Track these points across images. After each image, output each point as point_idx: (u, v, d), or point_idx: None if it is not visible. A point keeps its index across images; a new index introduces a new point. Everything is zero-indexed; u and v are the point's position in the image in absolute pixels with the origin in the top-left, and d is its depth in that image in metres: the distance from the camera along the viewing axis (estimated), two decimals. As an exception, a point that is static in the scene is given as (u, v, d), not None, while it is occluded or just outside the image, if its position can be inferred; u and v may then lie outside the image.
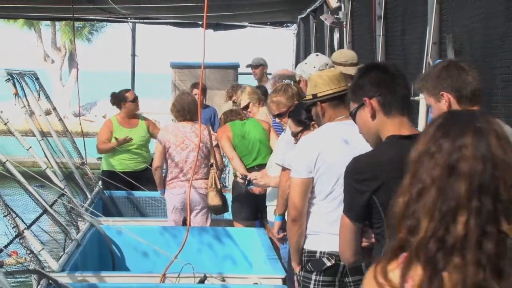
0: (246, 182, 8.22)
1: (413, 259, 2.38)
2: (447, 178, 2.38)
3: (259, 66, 13.66)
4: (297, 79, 7.87)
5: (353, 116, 4.33)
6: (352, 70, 7.22)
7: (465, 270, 2.32)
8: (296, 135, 6.26)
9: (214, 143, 9.27)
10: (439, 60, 7.82)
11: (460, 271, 2.32)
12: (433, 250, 2.35)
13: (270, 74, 13.80)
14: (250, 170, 8.54)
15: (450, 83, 4.59)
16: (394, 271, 2.40)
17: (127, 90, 12.05)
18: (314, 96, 5.69)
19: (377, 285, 2.44)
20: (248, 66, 13.99)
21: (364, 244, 4.30)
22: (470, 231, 2.34)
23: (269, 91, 9.77)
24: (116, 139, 11.33)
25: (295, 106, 6.68)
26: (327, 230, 5.35)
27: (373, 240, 4.26)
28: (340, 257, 4.65)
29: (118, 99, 11.65)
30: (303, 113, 6.17)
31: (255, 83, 13.41)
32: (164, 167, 9.54)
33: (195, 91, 12.35)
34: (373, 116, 4.21)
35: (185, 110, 9.37)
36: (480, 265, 2.32)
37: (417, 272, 2.37)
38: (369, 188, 4.04)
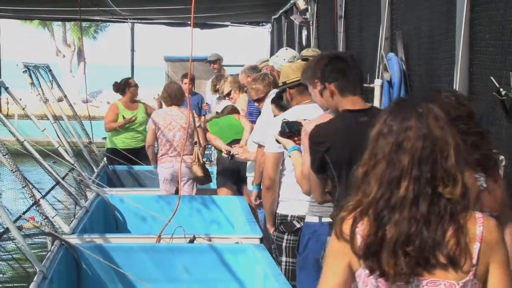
0: (230, 156, 8.28)
1: (364, 214, 2.60)
2: (395, 153, 2.59)
3: (216, 61, 13.62)
4: (259, 67, 7.91)
5: (320, 94, 4.56)
6: None
7: (401, 224, 2.53)
8: None
9: (198, 124, 9.31)
10: (391, 53, 7.87)
11: (398, 225, 2.53)
12: (380, 208, 2.56)
13: (226, 66, 13.87)
14: (228, 144, 8.60)
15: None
16: (348, 223, 2.63)
17: (129, 78, 12.08)
18: (284, 83, 5.77)
19: (335, 234, 2.69)
20: (207, 62, 13.91)
21: (327, 190, 4.59)
22: (408, 193, 2.55)
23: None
24: (124, 117, 11.37)
25: (276, 93, 6.71)
26: (296, 197, 5.41)
27: (330, 187, 4.54)
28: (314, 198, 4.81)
29: (122, 85, 11.65)
30: (283, 99, 6.23)
31: (236, 73, 13.33)
32: (156, 145, 9.56)
33: (185, 80, 12.35)
34: (332, 96, 4.52)
35: (172, 97, 9.40)
36: (414, 220, 2.53)
37: (364, 225, 2.60)
38: (321, 149, 4.35)
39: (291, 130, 5.00)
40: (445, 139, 2.61)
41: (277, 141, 5.24)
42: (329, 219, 4.67)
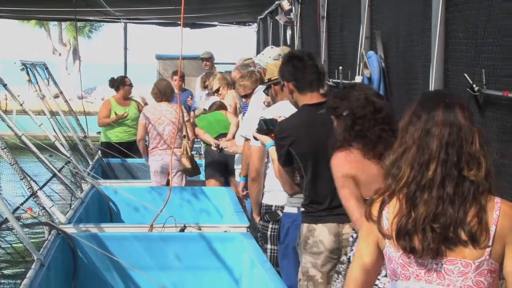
0: (219, 150, 8.29)
1: (392, 197, 2.77)
2: (424, 138, 2.73)
3: (209, 59, 13.60)
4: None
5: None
6: None
7: (430, 203, 2.68)
8: None
9: (186, 119, 9.31)
10: (371, 51, 7.89)
11: (427, 204, 2.68)
12: (412, 190, 2.71)
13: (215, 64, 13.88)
14: (216, 138, 8.61)
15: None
16: (377, 205, 2.83)
17: (125, 77, 12.04)
18: (269, 80, 5.79)
19: (364, 216, 2.88)
20: (199, 59, 13.87)
21: (296, 182, 4.73)
22: (436, 175, 2.69)
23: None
24: (116, 113, 11.35)
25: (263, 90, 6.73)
26: (279, 188, 5.39)
27: (299, 178, 4.67)
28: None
29: (117, 82, 11.62)
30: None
31: (225, 70, 13.31)
32: (147, 139, 9.57)
33: (175, 77, 12.35)
34: (291, 94, 4.71)
35: (161, 93, 9.44)
36: (441, 200, 2.67)
37: (394, 207, 2.76)
38: (286, 143, 4.49)
39: (268, 127, 5.01)
40: (470, 126, 2.75)
41: (255, 138, 5.26)
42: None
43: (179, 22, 18.94)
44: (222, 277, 6.19)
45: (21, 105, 9.05)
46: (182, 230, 6.53)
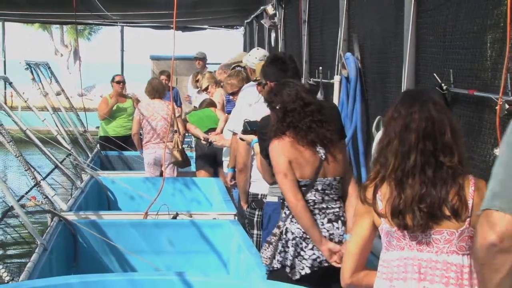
0: (208, 143, 8.29)
1: (385, 180, 2.99)
2: (404, 132, 2.96)
3: (203, 59, 13.60)
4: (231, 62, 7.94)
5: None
6: None
7: (415, 187, 2.92)
8: None
9: (177, 115, 9.31)
10: (348, 53, 7.90)
11: (412, 187, 2.92)
12: (399, 175, 2.95)
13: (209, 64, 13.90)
14: (205, 133, 8.60)
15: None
16: (370, 190, 3.04)
17: (116, 75, 11.98)
18: (256, 79, 5.80)
19: (360, 199, 3.08)
20: (194, 58, 13.85)
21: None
22: (417, 163, 2.93)
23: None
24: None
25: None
26: (265, 178, 5.45)
27: None
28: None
29: (112, 80, 11.62)
30: None
31: (214, 70, 13.30)
32: (141, 133, 9.57)
33: (162, 76, 12.36)
34: None
35: (155, 90, 9.46)
36: (424, 183, 2.92)
37: (385, 190, 2.99)
38: (266, 137, 4.42)
39: (252, 129, 5.05)
40: (442, 120, 2.98)
41: (241, 139, 5.30)
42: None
43: (171, 26, 18.83)
44: (211, 260, 6.20)
45: (25, 101, 9.03)
46: (175, 217, 6.52)
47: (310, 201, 4.18)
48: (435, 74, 4.85)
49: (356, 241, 3.12)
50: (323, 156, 4.14)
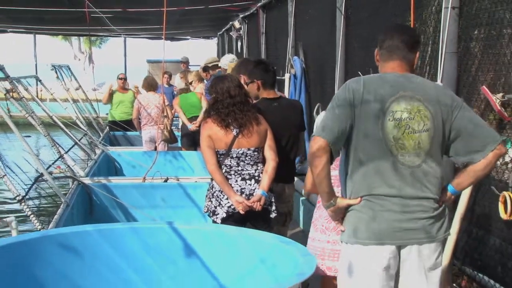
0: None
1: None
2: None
3: (186, 62, 13.51)
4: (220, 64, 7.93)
5: (246, 86, 4.58)
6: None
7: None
8: None
9: (167, 103, 9.24)
10: (295, 56, 7.90)
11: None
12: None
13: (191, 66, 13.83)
14: (189, 119, 8.53)
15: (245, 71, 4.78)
16: None
17: (120, 73, 11.83)
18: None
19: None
20: (180, 61, 13.72)
21: None
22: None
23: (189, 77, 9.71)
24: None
25: None
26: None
27: None
28: None
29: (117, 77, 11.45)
30: None
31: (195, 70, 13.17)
32: (140, 118, 9.49)
33: (165, 76, 12.26)
34: (258, 89, 4.57)
35: (149, 85, 9.43)
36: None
37: None
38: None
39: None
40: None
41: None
42: None
43: (162, 37, 18.77)
44: (194, 213, 6.18)
45: (52, 94, 8.97)
46: (166, 181, 6.48)
47: (227, 165, 4.13)
48: (359, 72, 4.88)
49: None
50: (236, 133, 4.10)
